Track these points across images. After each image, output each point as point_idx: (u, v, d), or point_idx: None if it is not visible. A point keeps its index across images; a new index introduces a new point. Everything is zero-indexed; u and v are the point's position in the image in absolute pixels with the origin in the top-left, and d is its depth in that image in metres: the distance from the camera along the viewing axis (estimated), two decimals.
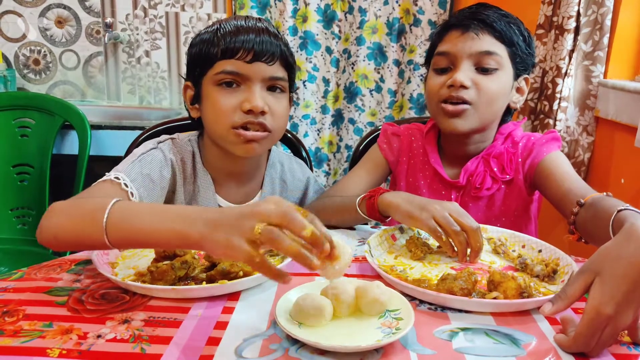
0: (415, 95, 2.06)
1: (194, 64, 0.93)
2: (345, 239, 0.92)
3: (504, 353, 0.58)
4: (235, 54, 0.88)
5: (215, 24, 0.93)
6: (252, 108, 0.87)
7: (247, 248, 0.55)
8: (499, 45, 0.94)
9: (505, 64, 0.95)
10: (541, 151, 0.99)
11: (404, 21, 2.04)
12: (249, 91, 0.89)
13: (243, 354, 0.56)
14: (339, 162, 2.21)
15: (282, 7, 2.03)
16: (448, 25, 0.98)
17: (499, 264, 0.83)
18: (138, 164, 0.89)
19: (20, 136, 1.72)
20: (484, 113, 0.96)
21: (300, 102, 2.12)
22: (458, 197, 1.03)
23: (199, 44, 0.92)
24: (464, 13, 0.98)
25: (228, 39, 0.88)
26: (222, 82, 0.89)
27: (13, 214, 1.74)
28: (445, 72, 0.97)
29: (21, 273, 0.74)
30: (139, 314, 0.63)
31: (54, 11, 2.11)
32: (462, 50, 0.94)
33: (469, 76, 0.94)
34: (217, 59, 0.89)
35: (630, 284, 0.56)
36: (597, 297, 0.56)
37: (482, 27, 0.94)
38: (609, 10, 1.35)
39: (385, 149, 1.12)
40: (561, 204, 0.91)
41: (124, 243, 0.68)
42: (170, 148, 0.96)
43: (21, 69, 2.15)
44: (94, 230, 0.65)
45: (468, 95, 0.94)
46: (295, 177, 1.10)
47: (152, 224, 0.63)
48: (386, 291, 0.63)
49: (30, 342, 0.57)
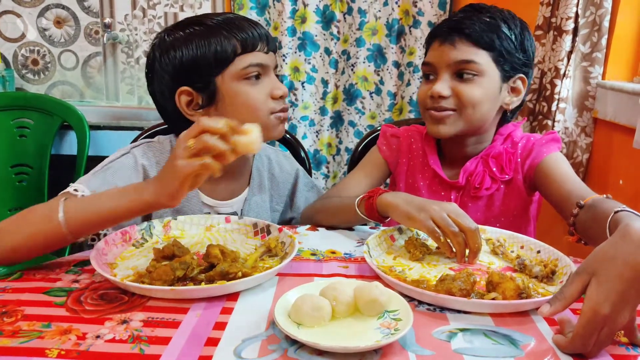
0: (415, 98, 2.04)
1: (197, 67, 0.89)
2: (344, 237, 0.92)
3: (502, 354, 0.58)
4: (256, 47, 0.91)
5: (201, 20, 0.91)
6: (283, 94, 0.94)
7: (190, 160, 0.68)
8: (479, 51, 0.95)
9: (488, 69, 0.95)
10: (541, 152, 0.99)
11: (404, 22, 2.02)
12: (271, 79, 0.94)
13: (242, 355, 0.56)
14: (338, 164, 2.19)
15: (280, 8, 2.01)
16: (432, 35, 1.01)
17: (497, 265, 0.83)
18: (102, 174, 0.88)
19: (18, 136, 1.71)
20: (469, 118, 0.97)
21: (299, 103, 2.10)
22: (457, 198, 1.04)
23: (199, 44, 0.89)
24: (447, 21, 1.00)
25: (243, 32, 0.90)
26: (249, 76, 0.91)
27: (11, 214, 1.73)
28: (429, 80, 1.00)
29: (20, 273, 0.74)
30: (137, 315, 0.63)
31: (53, 11, 2.11)
32: (441, 61, 0.97)
33: (448, 85, 0.96)
34: (236, 54, 0.90)
35: (626, 283, 0.56)
36: (593, 297, 0.57)
37: (460, 36, 0.95)
38: (608, 12, 1.35)
39: (385, 151, 1.12)
40: (561, 205, 0.91)
41: (85, 229, 0.76)
42: (144, 152, 0.95)
43: (20, 69, 2.14)
44: (51, 227, 0.74)
45: (448, 103, 0.96)
46: (283, 170, 1.11)
47: (111, 201, 0.75)
48: (385, 292, 0.63)
49: (29, 342, 0.57)
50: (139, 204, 0.74)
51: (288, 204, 1.12)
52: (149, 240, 0.87)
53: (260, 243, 0.86)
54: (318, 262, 0.81)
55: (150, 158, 0.95)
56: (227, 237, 0.89)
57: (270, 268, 0.73)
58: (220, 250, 0.75)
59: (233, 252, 0.77)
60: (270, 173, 1.08)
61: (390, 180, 1.17)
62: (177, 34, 0.91)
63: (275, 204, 1.10)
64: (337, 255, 0.85)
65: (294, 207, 1.12)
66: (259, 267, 0.77)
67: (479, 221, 1.02)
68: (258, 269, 0.76)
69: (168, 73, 0.91)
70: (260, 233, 0.89)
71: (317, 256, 0.84)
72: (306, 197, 1.13)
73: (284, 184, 1.10)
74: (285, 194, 1.11)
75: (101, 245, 0.78)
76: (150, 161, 0.95)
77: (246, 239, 0.89)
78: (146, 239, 0.87)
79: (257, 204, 1.04)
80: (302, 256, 0.83)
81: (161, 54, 0.91)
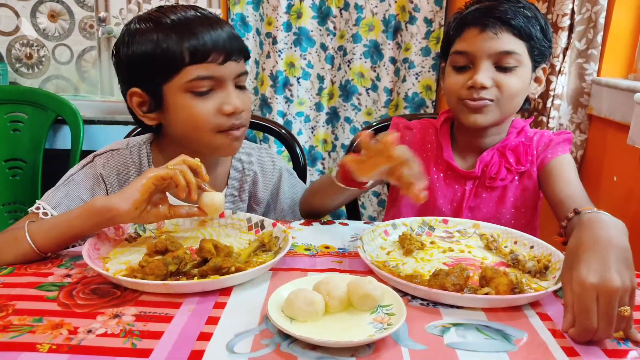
0: (411, 94, 2.04)
1: (145, 69, 0.83)
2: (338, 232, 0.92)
3: (495, 348, 0.58)
4: (207, 58, 0.81)
5: (160, 16, 0.83)
6: (234, 111, 0.85)
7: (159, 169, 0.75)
8: (518, 42, 0.93)
9: (525, 60, 0.95)
10: (556, 150, 1.01)
11: (400, 18, 2.01)
12: (225, 93, 0.85)
13: (235, 349, 0.56)
14: (334, 161, 2.19)
15: (275, 3, 2.00)
16: (465, 22, 0.96)
17: (491, 260, 0.83)
18: (64, 188, 0.88)
19: (12, 131, 1.71)
20: (506, 108, 0.97)
21: (294, 99, 2.09)
22: (472, 188, 1.04)
23: (148, 43, 0.81)
24: (481, 9, 0.95)
25: (194, 39, 0.80)
26: (196, 90, 0.83)
27: (5, 209, 1.73)
28: (463, 70, 0.97)
29: (11, 268, 0.74)
30: (130, 309, 0.63)
31: (47, 5, 2.09)
32: (481, 50, 0.93)
33: (489, 75, 0.94)
34: (184, 64, 0.81)
35: (598, 252, 0.61)
36: (576, 275, 0.60)
37: (500, 25, 0.92)
38: (603, 9, 1.35)
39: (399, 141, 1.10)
40: (559, 207, 0.92)
41: (54, 247, 0.76)
42: (105, 162, 0.92)
43: (14, 63, 2.13)
44: (22, 250, 0.74)
45: (489, 94, 0.94)
46: (265, 170, 1.05)
47: (68, 216, 0.75)
48: (378, 287, 0.63)
49: (20, 337, 0.57)
50: (90, 209, 0.74)
51: (271, 205, 1.06)
52: (142, 234, 0.86)
53: (254, 238, 0.86)
54: (312, 257, 0.81)
55: (111, 168, 0.93)
56: (220, 232, 0.89)
57: (263, 263, 0.73)
58: (214, 245, 0.75)
59: (226, 247, 0.76)
60: (251, 173, 1.03)
61: None
62: (134, 27, 0.84)
63: (255, 204, 1.04)
64: (331, 250, 0.85)
65: (277, 208, 1.06)
66: (252, 262, 0.76)
67: (492, 212, 1.04)
68: (251, 263, 0.76)
69: (121, 70, 0.87)
70: (254, 228, 0.89)
71: (311, 251, 0.84)
72: (292, 198, 1.07)
73: (264, 184, 1.04)
74: (266, 195, 1.05)
75: (94, 240, 0.77)
76: (110, 171, 0.92)
77: (240, 233, 0.89)
78: (139, 234, 0.86)
79: (235, 205, 1.01)
80: (295, 251, 0.83)
81: (118, 47, 0.86)
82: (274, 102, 2.08)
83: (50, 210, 0.84)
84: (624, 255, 0.62)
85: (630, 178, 1.28)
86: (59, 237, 0.76)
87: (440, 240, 0.90)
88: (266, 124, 1.30)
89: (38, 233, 0.75)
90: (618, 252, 0.61)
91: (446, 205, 1.06)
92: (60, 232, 0.75)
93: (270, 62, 2.06)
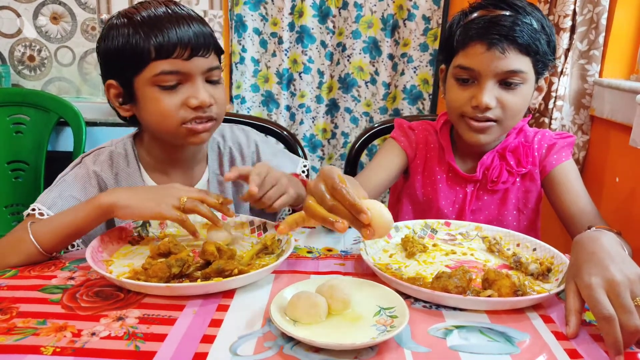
0: (409, 86, 2.14)
1: (118, 62, 0.86)
2: (340, 235, 0.92)
3: (498, 351, 0.58)
4: (172, 53, 0.83)
5: (134, 13, 0.86)
6: (200, 104, 0.86)
7: (172, 210, 0.77)
8: (524, 58, 0.91)
9: (529, 76, 0.93)
10: (560, 156, 1.01)
11: (398, 17, 2.10)
12: (192, 87, 0.86)
13: (238, 352, 0.56)
14: (334, 147, 2.32)
15: (280, 4, 2.09)
16: (471, 35, 0.92)
17: (493, 262, 0.83)
18: (56, 189, 0.89)
19: (14, 133, 1.71)
20: (508, 126, 0.97)
21: (297, 92, 2.21)
22: (474, 191, 1.04)
23: (120, 38, 0.85)
24: (486, 20, 0.91)
25: (160, 36, 0.82)
26: (162, 84, 0.85)
27: (7, 210, 1.73)
28: (466, 83, 0.94)
29: (15, 271, 0.74)
30: (133, 312, 0.63)
31: (49, 7, 2.10)
32: (487, 69, 0.90)
33: (494, 95, 0.92)
34: (150, 59, 0.83)
35: (597, 260, 0.63)
36: (579, 282, 0.63)
37: (507, 43, 0.88)
38: (605, 9, 1.35)
39: (404, 141, 1.10)
40: (569, 221, 0.95)
41: (57, 245, 0.78)
42: (95, 159, 0.95)
43: (16, 65, 2.14)
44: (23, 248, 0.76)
45: (493, 114, 0.93)
46: (241, 144, 1.07)
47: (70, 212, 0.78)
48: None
49: (24, 339, 0.57)
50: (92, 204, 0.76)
51: None
52: (145, 237, 0.86)
53: (257, 240, 0.86)
54: (314, 260, 0.81)
55: (103, 163, 0.95)
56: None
57: (266, 265, 0.73)
58: (217, 247, 0.75)
59: (229, 249, 0.76)
60: (227, 150, 1.05)
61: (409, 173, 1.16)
62: (113, 22, 0.87)
63: (240, 184, 1.05)
64: (334, 252, 0.85)
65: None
66: (255, 265, 0.77)
67: (494, 214, 1.04)
68: (254, 266, 0.76)
69: (100, 63, 0.91)
70: (257, 230, 0.89)
71: (314, 254, 0.84)
72: (276, 164, 1.00)
73: (242, 158, 1.06)
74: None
75: (97, 243, 0.77)
76: (101, 166, 0.94)
77: (242, 236, 0.89)
78: (142, 236, 0.86)
79: (220, 185, 1.02)
80: (298, 254, 0.83)
81: (99, 41, 0.90)
82: (281, 98, 2.23)
83: (46, 210, 0.85)
84: (621, 257, 0.64)
85: (632, 179, 1.28)
86: (64, 233, 0.77)
87: (442, 243, 0.90)
88: (268, 125, 1.31)
89: (41, 232, 0.76)
90: (614, 256, 0.64)
91: (448, 207, 1.06)
92: (64, 227, 0.77)
93: (276, 60, 2.18)
